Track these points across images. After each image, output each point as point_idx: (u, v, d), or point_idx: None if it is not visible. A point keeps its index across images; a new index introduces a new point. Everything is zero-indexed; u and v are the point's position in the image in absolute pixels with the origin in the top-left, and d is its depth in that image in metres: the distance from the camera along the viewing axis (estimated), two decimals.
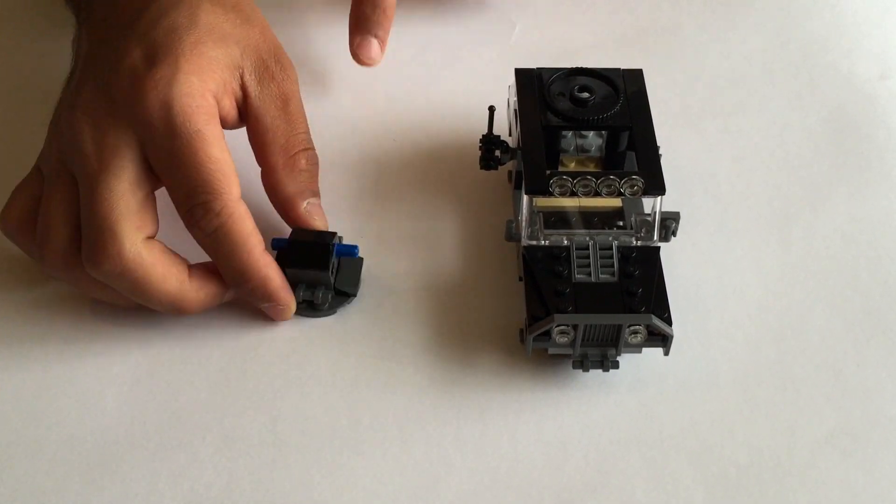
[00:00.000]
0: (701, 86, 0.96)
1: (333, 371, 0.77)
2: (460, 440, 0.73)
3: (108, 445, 0.73)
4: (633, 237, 0.76)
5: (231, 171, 0.74)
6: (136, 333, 0.79)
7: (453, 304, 0.80)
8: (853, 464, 0.72)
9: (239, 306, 0.80)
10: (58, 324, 0.79)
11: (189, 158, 0.72)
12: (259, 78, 0.79)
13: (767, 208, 0.87)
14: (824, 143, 0.91)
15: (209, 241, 0.74)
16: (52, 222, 0.75)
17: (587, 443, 0.73)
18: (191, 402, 0.75)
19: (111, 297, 0.76)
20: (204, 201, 0.73)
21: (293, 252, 0.79)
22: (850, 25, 1.01)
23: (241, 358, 0.77)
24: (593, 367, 0.75)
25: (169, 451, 0.73)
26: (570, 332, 0.73)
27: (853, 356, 0.78)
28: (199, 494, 0.71)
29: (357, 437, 0.74)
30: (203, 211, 0.73)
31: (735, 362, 0.77)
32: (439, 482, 0.72)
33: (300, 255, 0.78)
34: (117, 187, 0.72)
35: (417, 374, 0.77)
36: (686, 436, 0.74)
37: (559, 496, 0.71)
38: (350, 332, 0.79)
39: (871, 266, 0.83)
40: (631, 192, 0.75)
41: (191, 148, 0.72)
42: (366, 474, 0.72)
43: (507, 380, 0.76)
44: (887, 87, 0.96)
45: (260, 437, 0.74)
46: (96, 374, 0.76)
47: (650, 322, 0.72)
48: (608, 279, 0.74)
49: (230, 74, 0.77)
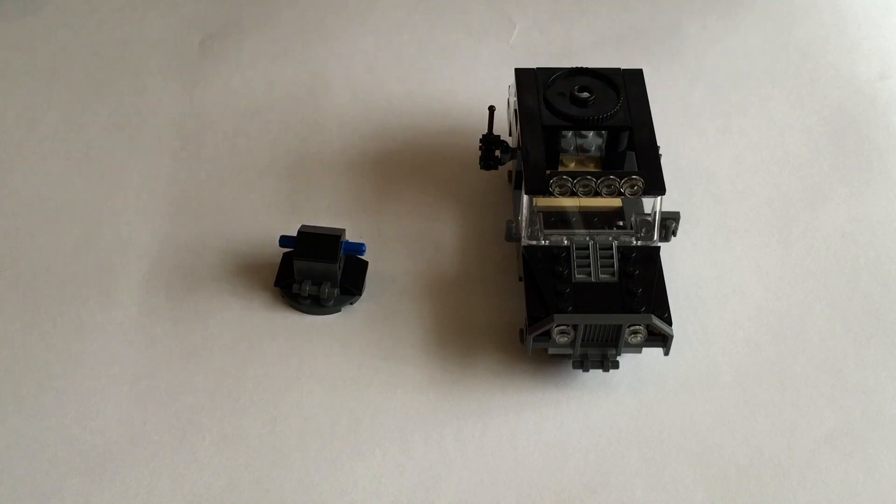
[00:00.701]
0: (701, 86, 0.96)
1: (333, 371, 0.77)
2: (460, 440, 0.73)
3: (108, 445, 0.73)
4: (633, 237, 0.76)
5: None
6: (137, 333, 0.79)
7: (453, 304, 0.80)
8: (853, 464, 0.72)
9: (239, 306, 0.80)
10: (58, 323, 0.79)
11: None
12: None
13: (767, 208, 0.87)
14: (824, 143, 0.92)
15: None
16: None
17: (587, 443, 0.73)
18: (191, 402, 0.75)
19: None
20: None
21: (302, 244, 0.79)
22: (850, 25, 1.01)
23: (241, 358, 0.77)
24: (593, 367, 0.75)
25: (169, 451, 0.73)
26: (570, 332, 0.73)
27: (853, 356, 0.78)
28: (199, 494, 0.71)
29: (357, 437, 0.74)
30: None
31: (735, 362, 0.77)
32: (439, 482, 0.72)
33: (309, 248, 0.79)
34: None
35: (417, 374, 0.77)
36: (686, 436, 0.74)
37: (559, 496, 0.71)
38: (350, 331, 0.79)
39: (871, 266, 0.83)
40: (631, 192, 0.75)
41: None
42: (366, 474, 0.72)
43: (507, 380, 0.76)
44: (887, 87, 0.96)
45: (260, 437, 0.74)
46: (96, 374, 0.76)
47: (650, 322, 0.72)
48: (608, 279, 0.74)
49: None
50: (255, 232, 0.85)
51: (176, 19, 1.01)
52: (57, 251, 0.83)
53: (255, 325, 0.79)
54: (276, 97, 0.95)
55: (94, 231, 0.85)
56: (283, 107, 0.94)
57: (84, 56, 0.98)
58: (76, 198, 0.87)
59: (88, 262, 0.82)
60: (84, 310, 0.80)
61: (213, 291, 0.81)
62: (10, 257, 0.83)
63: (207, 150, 0.91)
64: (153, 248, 0.84)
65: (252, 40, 1.00)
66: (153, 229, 0.85)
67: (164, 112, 0.94)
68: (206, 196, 0.87)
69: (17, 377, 0.76)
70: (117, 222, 0.85)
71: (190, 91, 0.95)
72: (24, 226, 0.85)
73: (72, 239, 0.84)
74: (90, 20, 1.00)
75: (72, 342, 0.78)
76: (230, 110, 0.94)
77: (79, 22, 1.00)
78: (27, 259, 0.82)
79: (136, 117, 0.93)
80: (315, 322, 0.79)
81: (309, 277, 0.79)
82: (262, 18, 1.01)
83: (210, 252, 0.83)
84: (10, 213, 0.86)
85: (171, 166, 0.89)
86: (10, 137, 0.91)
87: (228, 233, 0.85)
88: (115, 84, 0.96)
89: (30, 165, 0.89)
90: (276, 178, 0.89)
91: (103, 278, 0.82)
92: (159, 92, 0.95)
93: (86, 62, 0.97)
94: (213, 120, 0.93)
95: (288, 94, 0.95)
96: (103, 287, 0.81)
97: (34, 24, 1.00)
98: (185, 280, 0.82)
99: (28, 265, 0.82)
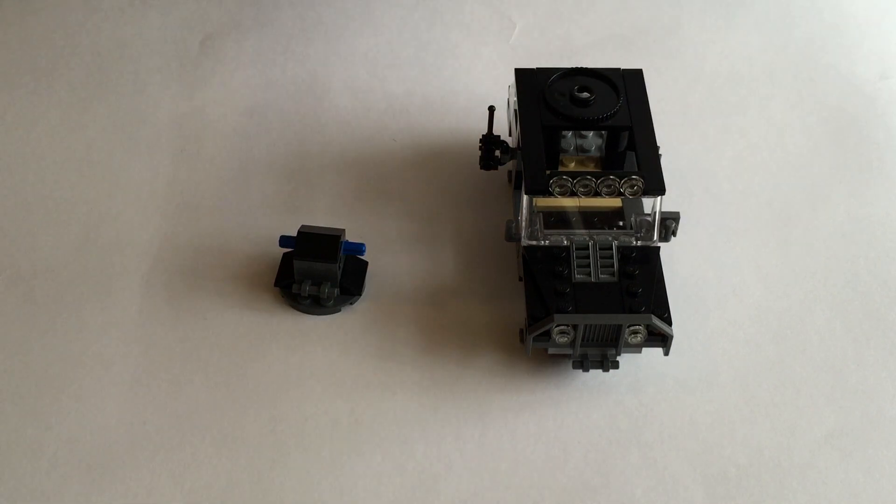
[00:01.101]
0: (701, 86, 0.96)
1: (333, 371, 0.77)
2: (460, 440, 0.73)
3: (108, 445, 0.73)
4: (632, 237, 0.76)
5: None
6: (137, 333, 0.79)
7: (453, 305, 0.80)
8: (853, 464, 0.72)
9: (239, 306, 0.80)
10: (58, 323, 0.79)
11: None
12: None
13: (767, 208, 0.87)
14: (824, 143, 0.91)
15: None
16: None
17: (587, 443, 0.73)
18: (191, 402, 0.75)
19: None
20: None
21: (302, 245, 0.79)
22: (850, 26, 1.01)
23: (241, 358, 0.77)
24: (593, 367, 0.75)
25: (169, 451, 0.73)
26: (570, 332, 0.73)
27: (853, 356, 0.78)
28: (199, 494, 0.71)
29: (357, 437, 0.74)
30: None
31: (735, 362, 0.77)
32: (439, 482, 0.72)
33: (309, 248, 0.79)
34: None
35: (417, 374, 0.77)
36: (686, 436, 0.74)
37: (559, 496, 0.71)
38: (350, 331, 0.79)
39: (871, 266, 0.83)
40: (631, 192, 0.75)
41: None
42: (366, 474, 0.72)
43: (507, 380, 0.76)
44: (887, 87, 0.96)
45: (260, 437, 0.74)
46: (96, 374, 0.76)
47: (650, 322, 0.72)
48: (608, 279, 0.74)
49: None
50: (255, 232, 0.84)
51: (176, 19, 1.01)
52: (57, 251, 0.83)
53: (255, 325, 0.79)
54: (276, 97, 0.95)
55: (94, 231, 0.85)
56: (283, 107, 0.94)
57: (84, 56, 0.98)
58: (76, 198, 0.87)
59: (88, 262, 0.82)
60: (84, 310, 0.80)
61: (213, 291, 0.81)
62: (10, 257, 0.83)
63: (207, 150, 0.91)
64: (153, 248, 0.84)
65: (252, 40, 0.99)
66: (153, 229, 0.85)
67: (164, 112, 0.94)
68: (206, 196, 0.87)
69: (17, 377, 0.76)
70: (117, 222, 0.85)
71: (190, 91, 0.95)
72: (24, 226, 0.85)
73: (72, 239, 0.84)
74: (90, 20, 1.00)
75: (72, 342, 0.78)
76: (230, 110, 0.94)
77: (79, 22, 1.00)
78: (27, 259, 0.82)
79: (136, 117, 0.93)
80: (315, 322, 0.79)
81: (309, 277, 0.79)
82: (262, 18, 1.01)
83: (210, 252, 0.83)
84: (10, 213, 0.86)
85: (171, 166, 0.89)
86: (10, 137, 0.91)
87: (228, 233, 0.85)
88: (115, 84, 0.96)
89: (30, 165, 0.89)
90: (276, 178, 0.89)
91: (103, 278, 0.82)
92: (159, 92, 0.95)
93: (86, 62, 0.97)
94: (213, 120, 0.93)
95: (288, 94, 0.95)
96: (103, 287, 0.81)
97: (34, 24, 1.00)
98: (185, 280, 0.82)
99: (28, 265, 0.82)
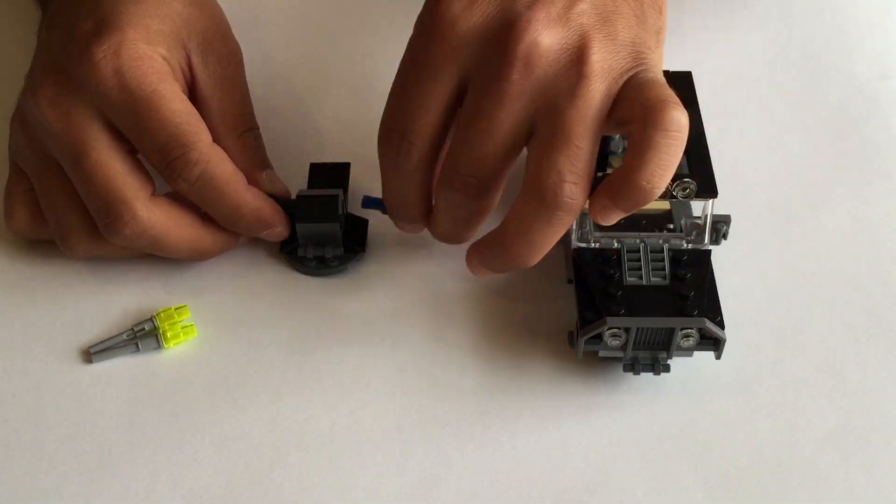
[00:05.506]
0: (701, 86, 0.96)
1: (333, 371, 0.77)
2: (460, 440, 0.73)
3: (107, 445, 0.73)
4: (682, 240, 0.76)
5: (197, 120, 0.75)
6: None
7: (453, 305, 0.80)
8: (853, 464, 0.72)
9: (239, 306, 0.80)
10: (58, 323, 0.79)
11: (152, 118, 0.74)
12: (205, 59, 0.80)
13: (767, 208, 0.87)
14: (824, 143, 0.91)
15: (195, 191, 0.76)
16: (61, 211, 0.77)
17: (587, 443, 0.73)
18: (191, 402, 0.75)
19: (147, 250, 0.78)
20: (179, 155, 0.74)
21: (301, 208, 0.80)
22: (850, 25, 1.01)
23: (242, 357, 0.77)
24: (644, 371, 0.74)
25: (169, 451, 0.73)
26: (622, 336, 0.72)
27: (853, 356, 0.78)
28: (199, 494, 0.71)
29: (357, 437, 0.74)
30: (181, 164, 0.74)
31: (735, 362, 0.77)
32: (439, 482, 0.72)
33: (310, 211, 0.80)
34: (101, 158, 0.74)
35: (417, 374, 0.77)
36: (686, 436, 0.74)
37: (559, 496, 0.71)
38: (350, 331, 0.79)
39: (871, 266, 0.83)
40: (683, 194, 0.74)
41: (151, 107, 0.73)
42: (366, 474, 0.72)
43: (507, 380, 0.76)
44: (887, 87, 0.96)
45: (260, 437, 0.74)
46: (96, 374, 0.76)
47: (703, 325, 0.71)
48: (659, 282, 0.73)
49: (177, 51, 0.78)
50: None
51: None
52: (56, 250, 0.83)
53: (255, 325, 0.79)
54: (276, 97, 0.95)
55: None
56: (283, 107, 0.94)
57: None
58: None
59: (88, 261, 0.82)
60: (84, 308, 0.80)
61: (214, 292, 0.81)
62: (10, 256, 0.83)
63: None
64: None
65: (252, 40, 0.99)
66: None
67: None
68: None
69: (17, 377, 0.76)
70: None
71: None
72: None
73: None
74: None
75: (72, 341, 0.78)
76: None
77: None
78: (27, 258, 0.82)
79: None
80: (315, 323, 0.79)
81: (312, 240, 0.80)
82: (263, 18, 1.01)
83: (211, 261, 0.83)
84: None
85: None
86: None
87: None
88: None
89: None
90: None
91: (103, 276, 0.82)
92: None
93: None
94: None
95: (288, 94, 0.95)
96: (103, 286, 0.81)
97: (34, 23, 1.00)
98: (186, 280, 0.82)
99: (28, 264, 0.82)
